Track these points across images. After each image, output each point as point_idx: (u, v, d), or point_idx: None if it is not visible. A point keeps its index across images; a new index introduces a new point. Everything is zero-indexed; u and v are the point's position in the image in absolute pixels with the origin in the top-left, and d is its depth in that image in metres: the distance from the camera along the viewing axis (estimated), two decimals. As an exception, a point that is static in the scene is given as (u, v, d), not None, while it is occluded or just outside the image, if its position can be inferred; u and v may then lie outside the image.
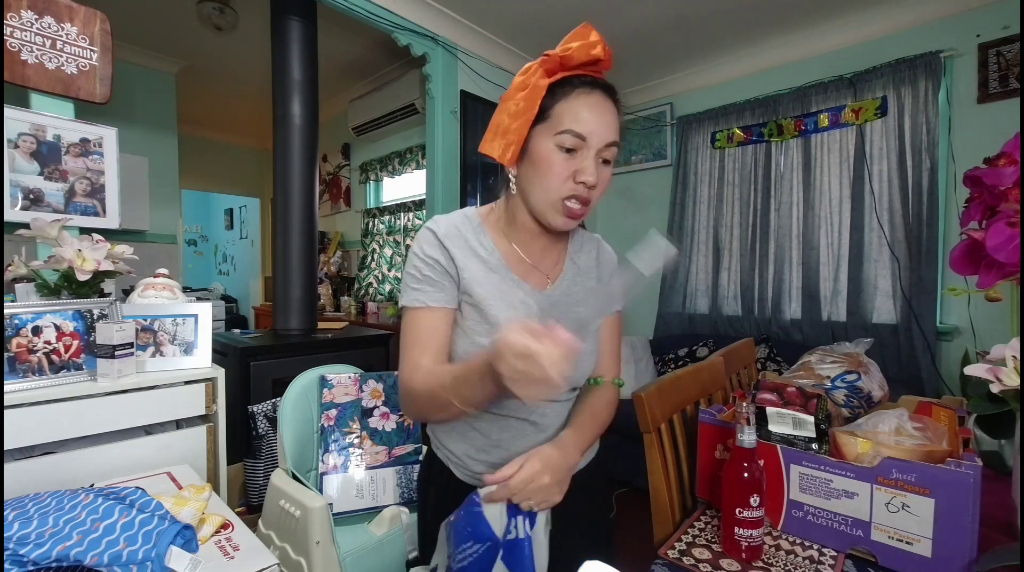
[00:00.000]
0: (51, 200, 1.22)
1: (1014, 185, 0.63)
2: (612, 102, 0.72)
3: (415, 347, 0.72)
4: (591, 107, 0.70)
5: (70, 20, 1.22)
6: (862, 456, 0.73)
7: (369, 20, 2.21)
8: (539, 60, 0.71)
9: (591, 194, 0.71)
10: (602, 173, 0.72)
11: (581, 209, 0.72)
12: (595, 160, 0.70)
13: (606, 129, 0.70)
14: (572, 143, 0.69)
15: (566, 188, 0.70)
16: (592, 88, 0.71)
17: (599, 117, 0.70)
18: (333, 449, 1.35)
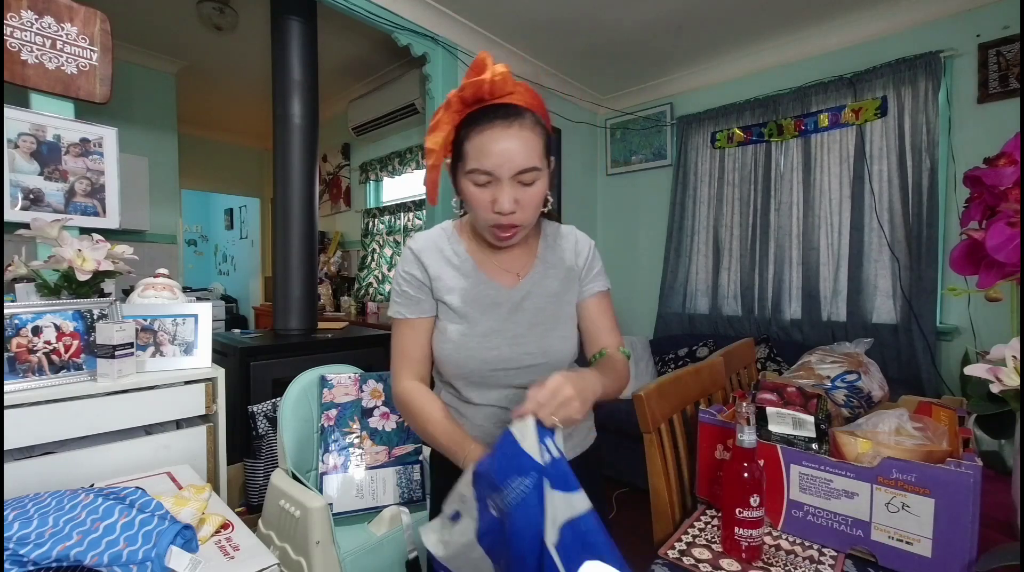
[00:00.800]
0: (51, 200, 1.22)
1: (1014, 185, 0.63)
2: (518, 125, 0.72)
3: (398, 357, 0.84)
4: (492, 141, 0.71)
5: (70, 20, 1.22)
6: (862, 456, 0.73)
7: (369, 20, 2.21)
8: (445, 101, 0.75)
9: (514, 218, 0.74)
10: (524, 194, 0.74)
11: (509, 233, 0.76)
12: (512, 186, 0.72)
13: (511, 159, 0.71)
14: (483, 179, 0.73)
15: (489, 218, 0.75)
16: (490, 121, 0.72)
17: (502, 150, 0.71)
18: (333, 449, 1.35)
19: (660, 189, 3.29)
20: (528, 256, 0.87)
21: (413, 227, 3.53)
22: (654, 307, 3.27)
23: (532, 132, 0.73)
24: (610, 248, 3.55)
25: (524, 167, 0.72)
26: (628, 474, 2.35)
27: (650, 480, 0.92)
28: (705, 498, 0.88)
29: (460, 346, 0.80)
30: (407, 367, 0.83)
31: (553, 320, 0.84)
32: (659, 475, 0.91)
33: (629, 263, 3.46)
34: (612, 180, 3.61)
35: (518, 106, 0.73)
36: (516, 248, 0.86)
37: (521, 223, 0.76)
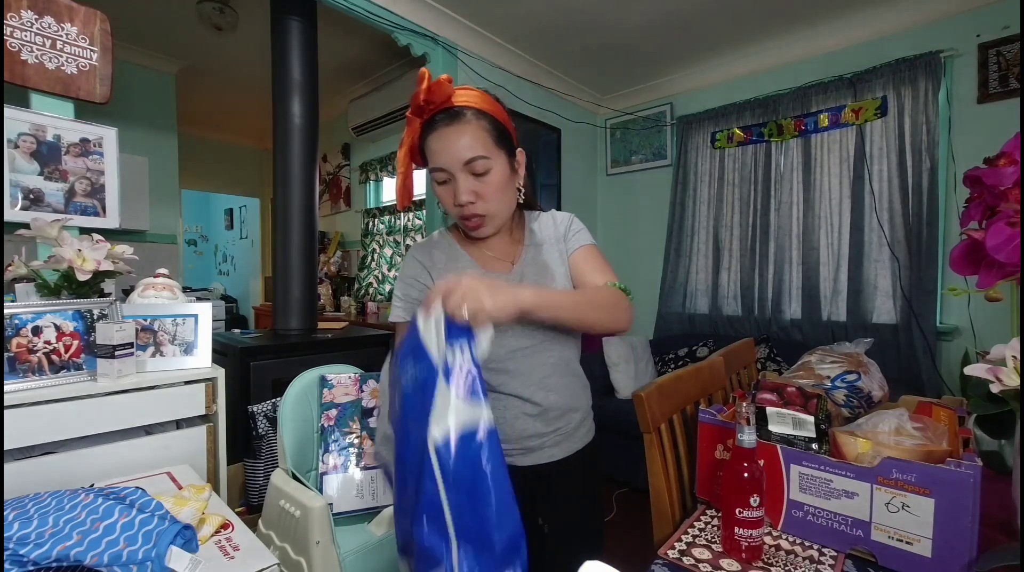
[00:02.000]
0: (51, 200, 1.22)
1: (1014, 185, 0.62)
2: (458, 122, 0.78)
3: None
4: (439, 140, 0.79)
5: (70, 20, 1.22)
6: (862, 456, 0.73)
7: (369, 20, 2.21)
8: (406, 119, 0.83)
9: (475, 208, 0.80)
10: (480, 185, 0.80)
11: (474, 222, 0.82)
12: (466, 178, 0.79)
13: (457, 153, 0.78)
14: (441, 177, 0.81)
15: (455, 212, 0.83)
16: (436, 124, 0.79)
17: (447, 146, 0.78)
18: (333, 449, 1.35)
19: (660, 189, 3.29)
20: (516, 245, 0.92)
21: (413, 227, 3.53)
22: (654, 307, 3.27)
23: (475, 125, 0.79)
24: (610, 248, 3.55)
25: (469, 157, 0.78)
26: (628, 474, 2.35)
27: (650, 480, 0.92)
28: (705, 498, 0.87)
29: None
30: None
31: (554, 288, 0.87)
32: (659, 475, 0.91)
33: (629, 263, 3.46)
34: (612, 180, 3.61)
35: (459, 106, 0.80)
36: (504, 239, 0.91)
37: (485, 213, 0.81)
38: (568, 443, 0.89)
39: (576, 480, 0.90)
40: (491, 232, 0.85)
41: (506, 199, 0.84)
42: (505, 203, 0.84)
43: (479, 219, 0.82)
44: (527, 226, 0.94)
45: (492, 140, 0.80)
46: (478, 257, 0.91)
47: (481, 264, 0.90)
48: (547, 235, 0.92)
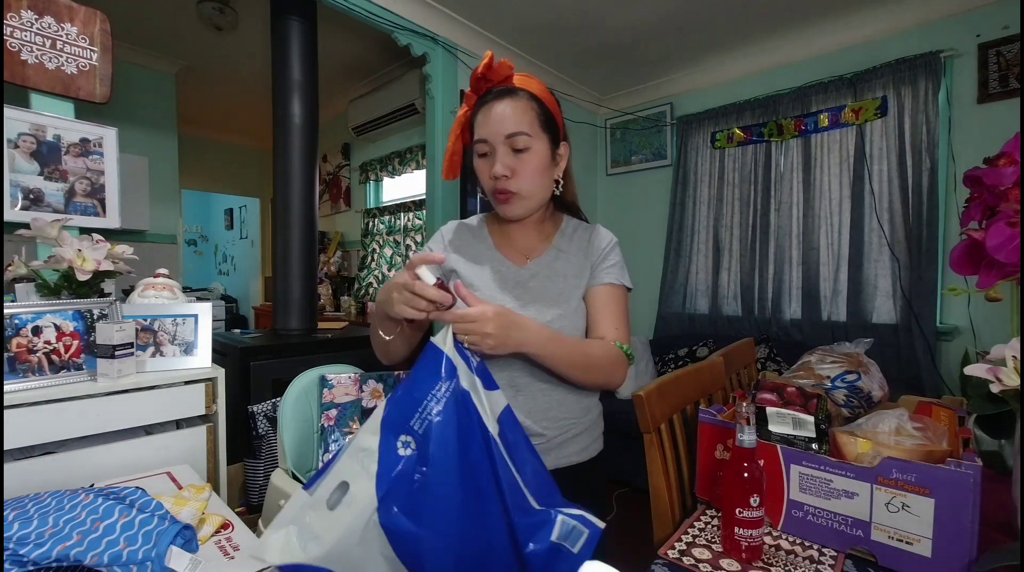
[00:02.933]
0: (51, 200, 1.22)
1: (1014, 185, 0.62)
2: (510, 98, 0.81)
3: None
4: (487, 113, 0.81)
5: (70, 20, 1.22)
6: (862, 456, 0.73)
7: (369, 20, 2.21)
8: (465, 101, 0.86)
9: (509, 184, 0.81)
10: (518, 162, 0.81)
11: (505, 197, 0.83)
12: (506, 153, 0.80)
13: (500, 124, 0.80)
14: (483, 149, 0.83)
15: (489, 185, 0.84)
16: (488, 99, 0.82)
17: (493, 118, 0.80)
18: (333, 449, 1.35)
19: (660, 189, 3.29)
20: (542, 242, 0.92)
21: (413, 227, 3.53)
22: (654, 307, 3.27)
23: (524, 103, 0.81)
24: (610, 248, 3.55)
25: (512, 131, 0.79)
26: (628, 474, 2.35)
27: (650, 480, 0.92)
28: (705, 498, 0.87)
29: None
30: None
31: (555, 300, 0.85)
32: (659, 475, 0.91)
33: (629, 263, 3.42)
34: (612, 180, 3.61)
35: (512, 86, 0.82)
36: (531, 233, 0.92)
37: (516, 190, 0.82)
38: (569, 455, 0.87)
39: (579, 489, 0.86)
40: (520, 213, 0.85)
41: (541, 184, 0.84)
42: (539, 187, 0.84)
43: (510, 196, 0.82)
44: (561, 228, 0.93)
45: (538, 122, 0.81)
46: (500, 243, 0.92)
47: (500, 250, 0.91)
48: (578, 246, 0.91)
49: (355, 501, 0.53)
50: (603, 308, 0.86)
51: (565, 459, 0.86)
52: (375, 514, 0.52)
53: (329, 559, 0.52)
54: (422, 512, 0.53)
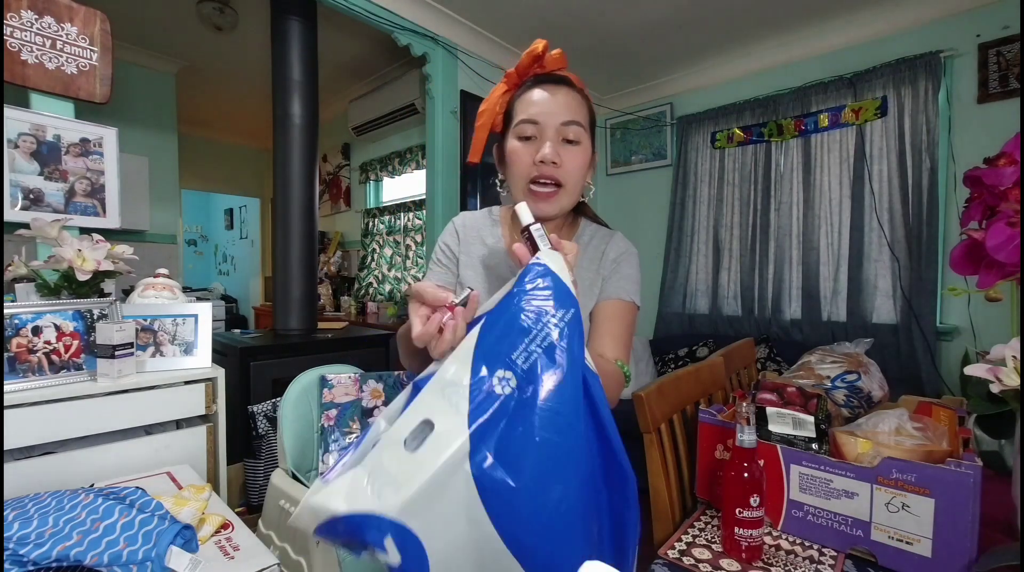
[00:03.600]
0: (51, 200, 1.22)
1: (1014, 185, 0.62)
2: (566, 87, 0.76)
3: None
4: (539, 95, 0.75)
5: (70, 20, 1.22)
6: (862, 456, 0.73)
7: (369, 20, 2.21)
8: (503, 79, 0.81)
9: (556, 172, 0.74)
10: (568, 152, 0.75)
11: (549, 190, 0.75)
12: (556, 141, 0.74)
13: (557, 109, 0.74)
14: (529, 131, 0.75)
15: (529, 171, 0.75)
16: (540, 83, 0.76)
17: (548, 100, 0.74)
18: (333, 449, 1.35)
19: (660, 189, 3.29)
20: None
21: (413, 227, 3.53)
22: (654, 307, 3.27)
23: (580, 98, 0.77)
24: (610, 248, 3.55)
25: (569, 118, 0.74)
26: (628, 474, 2.35)
27: (650, 480, 0.92)
28: (705, 498, 0.87)
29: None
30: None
31: None
32: (659, 475, 0.91)
33: (629, 263, 3.45)
34: (612, 180, 3.61)
35: (567, 76, 0.78)
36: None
37: (563, 182, 0.75)
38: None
39: None
40: (556, 211, 0.77)
41: (581, 183, 0.79)
42: (579, 186, 0.79)
43: (554, 192, 0.75)
44: (576, 235, 0.87)
45: (588, 121, 0.78)
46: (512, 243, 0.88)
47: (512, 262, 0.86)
48: (591, 258, 0.84)
49: (441, 443, 0.43)
50: (606, 322, 0.81)
51: None
52: (466, 461, 0.42)
53: (408, 511, 0.42)
54: (523, 464, 0.43)
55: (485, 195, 2.82)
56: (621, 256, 0.85)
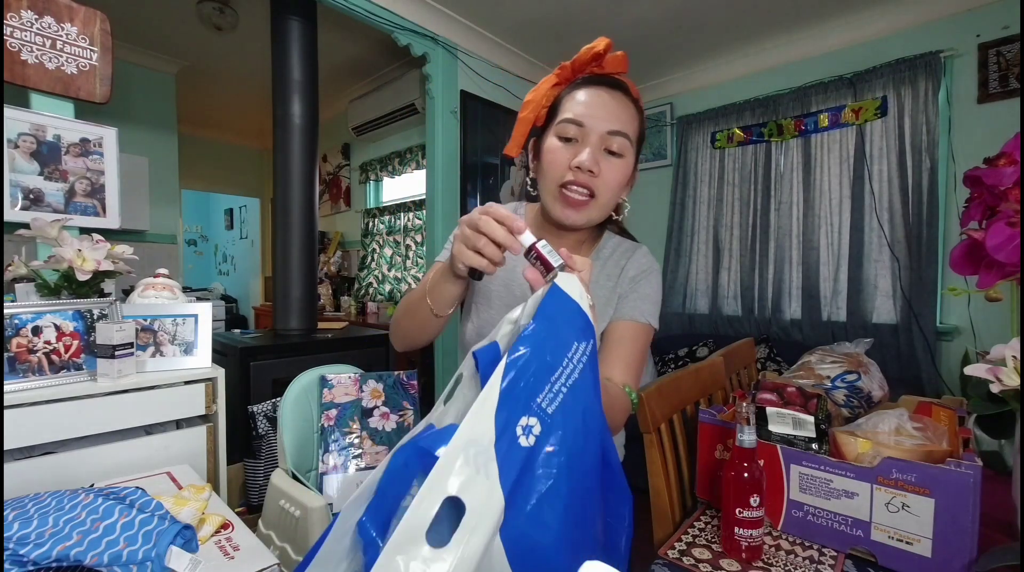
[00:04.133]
0: (51, 200, 1.22)
1: (1014, 185, 0.62)
2: (621, 94, 0.71)
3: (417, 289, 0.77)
4: (591, 96, 0.70)
5: (70, 20, 1.22)
6: (862, 456, 0.73)
7: (369, 20, 2.21)
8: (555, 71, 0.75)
9: (592, 182, 0.69)
10: (608, 164, 0.70)
11: (581, 198, 0.70)
12: (597, 148, 0.69)
13: (606, 114, 0.69)
14: (571, 132, 0.70)
15: (563, 175, 0.70)
16: (595, 84, 0.71)
17: (598, 105, 0.69)
18: (333, 449, 1.35)
19: (660, 189, 3.29)
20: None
21: (413, 227, 3.53)
22: (654, 307, 3.27)
23: (634, 110, 0.72)
24: (610, 248, 3.55)
25: (617, 128, 0.69)
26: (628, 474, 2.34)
27: (650, 480, 0.92)
28: (705, 498, 0.87)
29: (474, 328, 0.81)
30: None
31: None
32: (659, 475, 0.91)
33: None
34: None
35: (624, 82, 0.73)
36: (571, 245, 0.81)
37: (597, 192, 0.70)
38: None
39: None
40: (582, 223, 0.73)
41: (615, 200, 0.75)
42: (612, 202, 0.74)
43: (587, 201, 0.71)
44: (598, 247, 0.83)
45: (636, 136, 0.73)
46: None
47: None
48: (610, 274, 0.80)
49: (477, 525, 0.36)
50: (619, 345, 0.77)
51: None
52: (498, 532, 0.37)
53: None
54: (550, 519, 0.39)
55: (485, 195, 2.82)
56: (641, 274, 0.81)
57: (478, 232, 0.54)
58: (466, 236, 0.55)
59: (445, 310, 0.67)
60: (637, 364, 0.77)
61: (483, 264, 0.55)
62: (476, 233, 0.54)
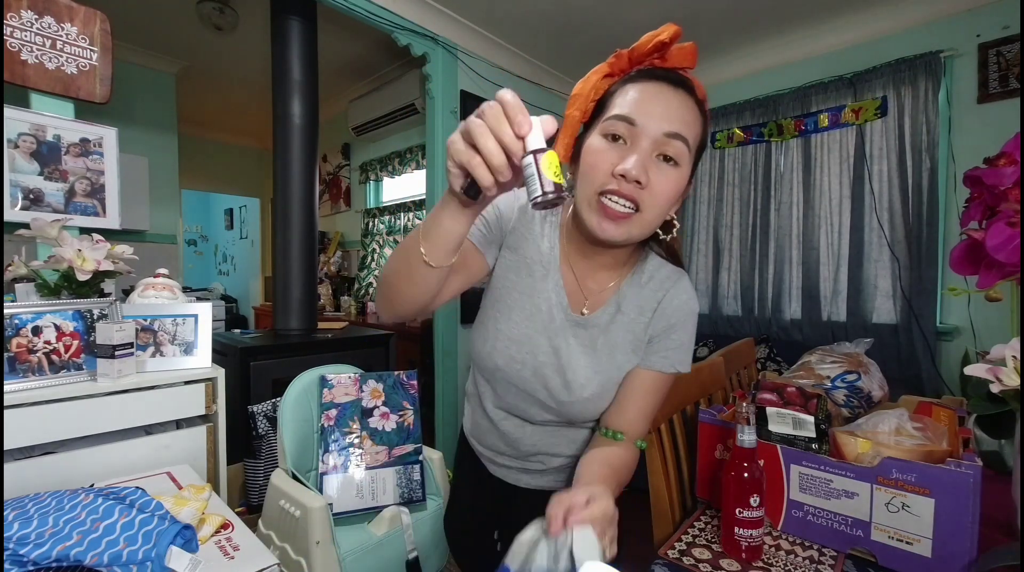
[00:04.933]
0: (51, 200, 1.22)
1: (1014, 185, 0.62)
2: (684, 92, 0.61)
3: None
4: (648, 92, 0.60)
5: (70, 20, 1.22)
6: (862, 456, 0.73)
7: (369, 20, 2.21)
8: (609, 59, 0.64)
9: (638, 194, 0.58)
10: (660, 173, 0.59)
11: (623, 210, 0.59)
12: (649, 154, 0.58)
13: (665, 113, 0.58)
14: (620, 130, 0.59)
15: (604, 181, 0.59)
16: (656, 79, 0.61)
17: (656, 101, 0.59)
18: (333, 449, 1.35)
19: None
20: (611, 278, 0.72)
21: (413, 227, 3.53)
22: (654, 307, 3.27)
23: (697, 113, 0.61)
24: (610, 248, 3.55)
25: (676, 131, 0.58)
26: (628, 474, 2.35)
27: (650, 480, 0.92)
28: (705, 498, 0.87)
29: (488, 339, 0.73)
30: None
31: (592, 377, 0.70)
32: (659, 475, 0.91)
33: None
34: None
35: (690, 79, 0.62)
36: (609, 260, 0.70)
37: (643, 206, 0.59)
38: (544, 479, 0.82)
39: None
40: (621, 238, 0.61)
41: (661, 216, 0.63)
42: (658, 219, 0.63)
43: (629, 211, 0.59)
44: (635, 269, 0.72)
45: (697, 142, 0.62)
46: (578, 264, 0.71)
47: (566, 276, 0.71)
48: (642, 307, 0.70)
49: None
50: (643, 396, 0.71)
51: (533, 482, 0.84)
52: None
53: None
54: None
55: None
56: (678, 315, 0.71)
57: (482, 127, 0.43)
58: (466, 129, 0.44)
59: (442, 257, 0.53)
60: (654, 412, 0.73)
61: (482, 174, 0.44)
62: (481, 127, 0.43)
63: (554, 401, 0.72)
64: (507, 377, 0.73)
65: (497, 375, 0.74)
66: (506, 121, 0.42)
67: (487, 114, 0.43)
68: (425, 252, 0.52)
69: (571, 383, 0.70)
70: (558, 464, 0.80)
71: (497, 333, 0.72)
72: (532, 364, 0.71)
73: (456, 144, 0.45)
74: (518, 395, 0.74)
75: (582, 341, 0.71)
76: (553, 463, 0.80)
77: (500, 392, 0.77)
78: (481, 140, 0.43)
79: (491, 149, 0.43)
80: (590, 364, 0.71)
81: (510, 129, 0.42)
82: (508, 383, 0.74)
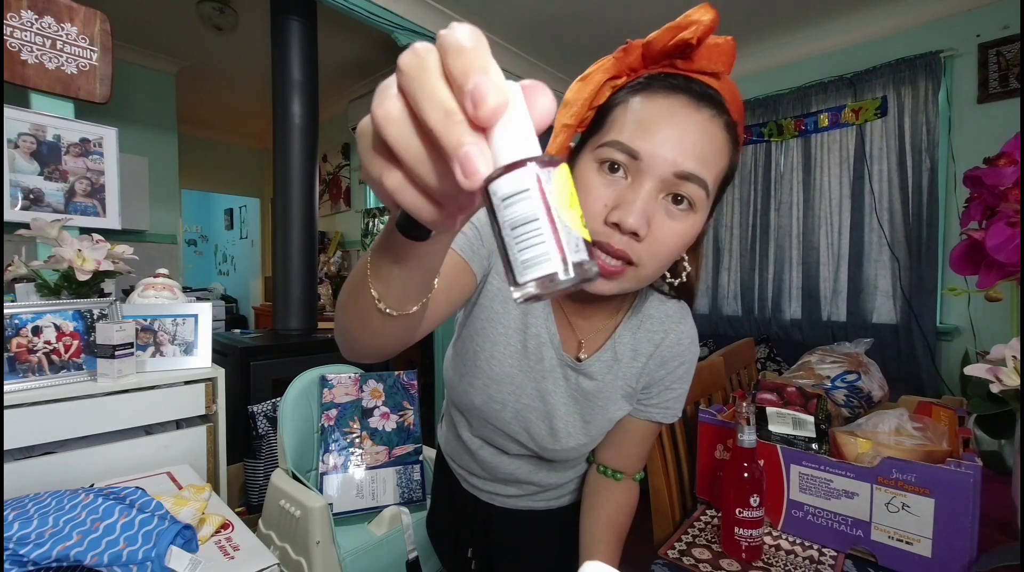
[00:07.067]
0: (51, 200, 1.22)
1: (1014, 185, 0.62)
2: (710, 110, 0.47)
3: None
4: (660, 110, 0.46)
5: (70, 20, 1.22)
6: (862, 456, 0.73)
7: (369, 20, 2.21)
8: (622, 46, 0.50)
9: (632, 249, 0.47)
10: (665, 223, 0.47)
11: (613, 265, 0.47)
12: (653, 195, 0.46)
13: (678, 145, 0.45)
14: (620, 159, 0.46)
15: (595, 227, 0.47)
16: (672, 91, 0.47)
17: (669, 125, 0.45)
18: (333, 449, 1.35)
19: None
20: (606, 320, 0.63)
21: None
22: (654, 307, 3.27)
23: (724, 137, 0.48)
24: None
25: (692, 170, 0.45)
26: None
27: (650, 480, 0.92)
28: (705, 498, 0.87)
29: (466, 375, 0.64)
30: None
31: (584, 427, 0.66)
32: (659, 475, 0.91)
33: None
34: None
35: (718, 92, 0.48)
36: (598, 307, 0.62)
37: (640, 262, 0.48)
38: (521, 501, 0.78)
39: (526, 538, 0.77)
40: (612, 291, 0.51)
41: (662, 268, 0.52)
42: (659, 271, 0.52)
43: (621, 267, 0.48)
44: (635, 306, 0.64)
45: (720, 179, 0.50)
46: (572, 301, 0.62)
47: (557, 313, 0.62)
48: (638, 352, 0.63)
49: None
50: (639, 443, 0.70)
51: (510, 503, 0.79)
52: None
53: None
54: None
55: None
56: (677, 363, 0.64)
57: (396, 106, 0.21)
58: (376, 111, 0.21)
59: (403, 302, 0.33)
60: (647, 455, 0.73)
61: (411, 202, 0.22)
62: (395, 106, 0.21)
63: (536, 445, 0.66)
64: (483, 416, 0.65)
65: (473, 412, 0.67)
66: (446, 88, 0.20)
67: (412, 74, 0.20)
68: (378, 296, 0.32)
69: (558, 432, 0.64)
70: (536, 489, 0.76)
71: (476, 369, 0.62)
72: (514, 406, 0.64)
73: (362, 141, 0.23)
74: (495, 432, 0.68)
75: (572, 386, 0.64)
76: (531, 489, 0.76)
77: (476, 425, 0.71)
78: (396, 136, 0.21)
79: (414, 154, 0.21)
80: (580, 413, 0.64)
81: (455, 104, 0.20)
82: (484, 420, 0.67)
